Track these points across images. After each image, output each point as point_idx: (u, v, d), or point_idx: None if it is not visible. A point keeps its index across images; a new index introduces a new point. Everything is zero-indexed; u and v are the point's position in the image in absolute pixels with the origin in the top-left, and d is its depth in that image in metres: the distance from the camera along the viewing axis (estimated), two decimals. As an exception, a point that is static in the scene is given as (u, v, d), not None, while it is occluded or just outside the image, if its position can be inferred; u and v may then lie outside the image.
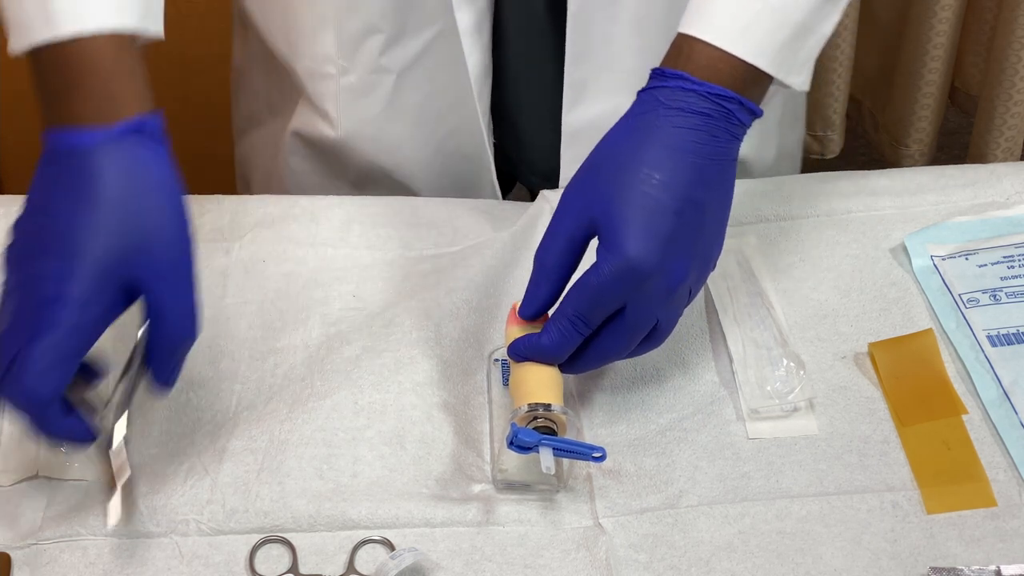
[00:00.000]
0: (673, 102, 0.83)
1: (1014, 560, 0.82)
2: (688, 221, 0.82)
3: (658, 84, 0.84)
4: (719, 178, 0.84)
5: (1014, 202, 1.05)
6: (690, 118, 0.83)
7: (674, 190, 0.81)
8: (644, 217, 0.81)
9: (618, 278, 0.81)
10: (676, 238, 0.81)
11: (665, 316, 0.84)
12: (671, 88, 0.84)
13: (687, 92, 0.83)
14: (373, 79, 1.09)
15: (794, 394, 0.90)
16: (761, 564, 0.82)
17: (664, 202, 0.81)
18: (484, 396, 0.92)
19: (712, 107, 0.83)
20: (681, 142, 0.82)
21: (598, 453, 0.83)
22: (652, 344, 0.86)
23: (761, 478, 0.87)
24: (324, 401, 0.90)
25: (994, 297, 0.97)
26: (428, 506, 0.84)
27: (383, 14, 1.05)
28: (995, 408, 0.90)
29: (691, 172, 0.82)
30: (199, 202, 1.05)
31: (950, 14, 1.92)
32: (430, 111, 1.11)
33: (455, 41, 1.04)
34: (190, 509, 0.84)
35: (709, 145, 0.83)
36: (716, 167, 0.83)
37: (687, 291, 0.84)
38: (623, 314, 0.83)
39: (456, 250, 1.02)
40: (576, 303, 0.83)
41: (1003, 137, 2.00)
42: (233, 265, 1.00)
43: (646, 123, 0.84)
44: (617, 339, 0.84)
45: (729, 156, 0.84)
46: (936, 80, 1.99)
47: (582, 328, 0.83)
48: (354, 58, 1.08)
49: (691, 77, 0.83)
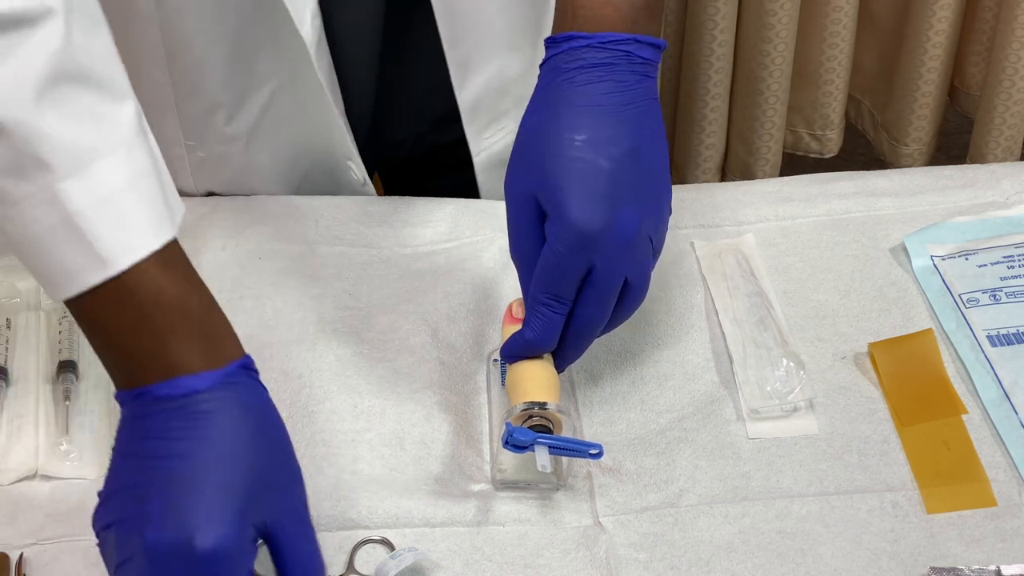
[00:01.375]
0: (570, 63, 0.84)
1: (1014, 560, 0.82)
2: (622, 171, 0.82)
3: (553, 52, 0.85)
4: (641, 120, 0.84)
5: (1014, 202, 1.05)
6: (591, 72, 0.83)
7: (598, 145, 0.82)
8: (577, 181, 0.81)
9: (571, 246, 0.81)
10: (614, 190, 0.81)
11: (632, 271, 0.83)
12: (564, 51, 0.84)
13: (580, 48, 0.84)
14: (222, 149, 1.07)
15: (794, 394, 0.90)
16: (761, 564, 0.82)
17: (592, 160, 0.81)
18: (483, 396, 0.92)
19: (609, 55, 0.83)
20: (590, 97, 0.83)
21: (595, 450, 0.82)
22: (631, 304, 0.85)
23: (761, 478, 0.87)
24: (323, 404, 0.89)
25: (994, 297, 0.97)
26: (428, 506, 0.84)
27: (223, 88, 1.03)
28: (995, 408, 0.90)
29: (610, 123, 0.82)
30: (197, 201, 1.06)
31: (949, 13, 1.92)
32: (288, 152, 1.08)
33: (299, 80, 1.01)
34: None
35: (619, 93, 0.83)
36: (633, 111, 0.83)
37: (647, 240, 0.83)
38: (589, 280, 0.82)
39: (452, 246, 1.02)
40: (542, 285, 0.83)
41: (1003, 137, 2.00)
42: (229, 261, 1.00)
43: (553, 92, 0.84)
44: (592, 307, 0.83)
45: (644, 96, 0.84)
46: (935, 79, 1.99)
47: (557, 308, 0.83)
48: (202, 135, 1.06)
49: (579, 34, 0.84)
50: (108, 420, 0.89)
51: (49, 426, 0.88)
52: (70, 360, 0.92)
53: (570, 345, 0.85)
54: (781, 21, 1.91)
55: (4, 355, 0.92)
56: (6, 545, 0.82)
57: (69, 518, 0.84)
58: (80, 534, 0.83)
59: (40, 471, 0.86)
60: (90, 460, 0.87)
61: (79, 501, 0.85)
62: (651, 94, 0.85)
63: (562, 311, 0.83)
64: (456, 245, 1.02)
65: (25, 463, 0.86)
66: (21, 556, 0.81)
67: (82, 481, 0.86)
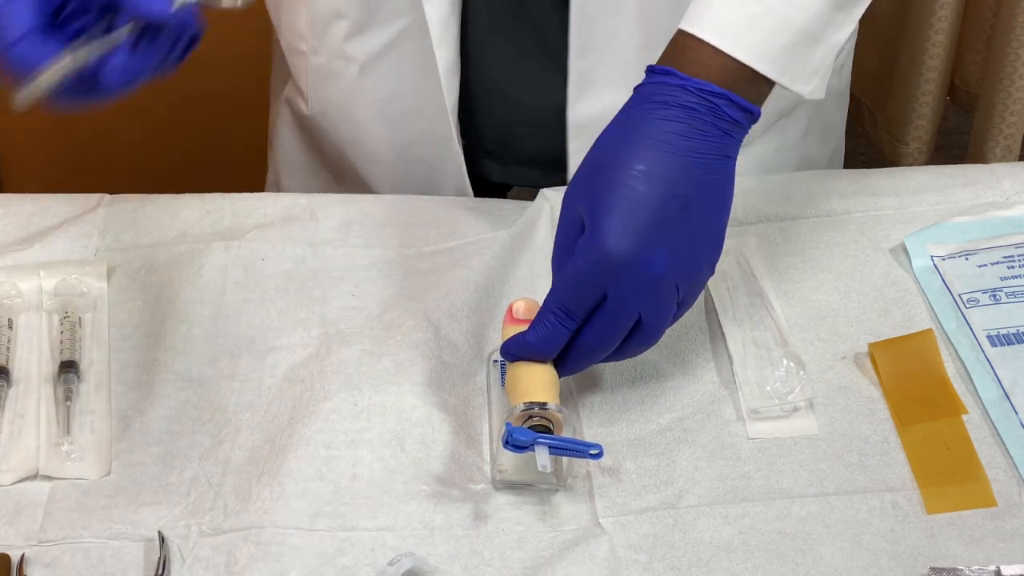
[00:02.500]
0: (657, 96, 0.84)
1: (1014, 560, 0.82)
2: (668, 213, 0.82)
3: (648, 80, 0.85)
4: (706, 173, 0.83)
5: (1014, 202, 1.05)
6: (673, 111, 0.83)
7: (653, 181, 0.82)
8: (620, 206, 0.81)
9: (593, 265, 0.81)
10: (654, 228, 0.81)
11: (648, 311, 0.83)
12: (658, 83, 0.84)
13: (672, 87, 0.83)
14: (338, 64, 1.09)
15: (794, 394, 0.90)
16: (761, 564, 0.82)
17: (641, 192, 0.81)
18: (483, 397, 0.92)
19: (697, 100, 0.83)
20: (663, 135, 0.82)
21: (595, 450, 0.83)
22: (639, 343, 0.85)
23: (761, 478, 0.87)
24: (324, 404, 0.90)
25: (994, 297, 0.97)
26: (428, 508, 0.84)
27: (349, 1, 1.05)
28: (995, 408, 0.90)
29: (672, 165, 0.82)
30: (200, 201, 1.06)
31: (949, 12, 1.92)
32: (395, 106, 1.10)
33: (423, 36, 1.03)
34: (191, 511, 0.84)
35: (694, 139, 0.83)
36: (702, 162, 0.83)
37: (673, 288, 0.83)
38: (603, 305, 0.83)
39: (455, 245, 1.02)
40: (557, 295, 0.83)
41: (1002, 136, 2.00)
42: (232, 263, 1.00)
43: (631, 118, 0.84)
44: (599, 332, 0.84)
45: (719, 152, 0.84)
46: (935, 78, 2.00)
47: (565, 321, 0.83)
48: (322, 39, 1.09)
49: (678, 72, 0.84)
50: (109, 420, 0.89)
51: (50, 426, 0.88)
52: (71, 360, 0.92)
53: (570, 361, 0.86)
54: (782, 20, 1.91)
55: (5, 355, 0.92)
56: (7, 546, 0.82)
57: (70, 518, 0.84)
58: (81, 534, 0.83)
59: (41, 471, 0.86)
60: (91, 460, 0.87)
61: (80, 501, 0.85)
62: (726, 152, 0.84)
63: (569, 325, 0.84)
64: (459, 244, 1.03)
65: (26, 463, 0.86)
66: (23, 557, 0.82)
67: (83, 481, 0.86)
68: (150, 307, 0.97)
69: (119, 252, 1.01)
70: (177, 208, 1.04)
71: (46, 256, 1.00)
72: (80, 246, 1.01)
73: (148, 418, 0.90)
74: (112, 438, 0.89)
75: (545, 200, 1.04)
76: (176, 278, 0.99)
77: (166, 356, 0.93)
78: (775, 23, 0.84)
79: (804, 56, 0.86)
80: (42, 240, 1.01)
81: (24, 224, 1.03)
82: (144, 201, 1.05)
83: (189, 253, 1.00)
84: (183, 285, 0.98)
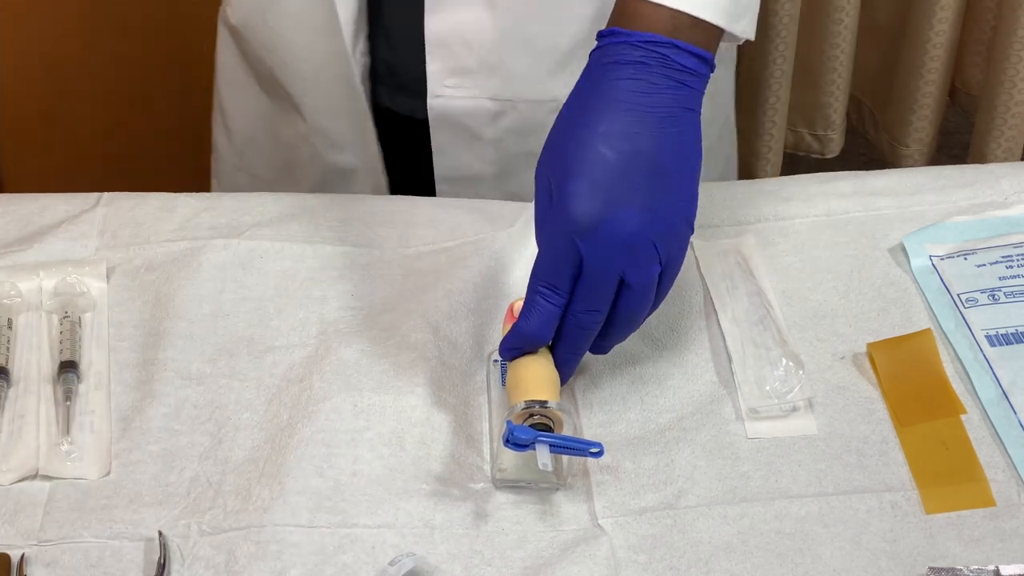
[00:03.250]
0: (607, 57, 0.84)
1: (1013, 560, 0.82)
2: (634, 171, 0.82)
3: (598, 45, 0.86)
4: (667, 126, 0.83)
5: (1012, 202, 1.05)
6: (623, 68, 0.83)
7: (612, 139, 0.82)
8: (582, 169, 0.81)
9: (562, 233, 0.81)
10: (620, 187, 0.81)
11: (630, 271, 0.83)
12: (606, 45, 0.85)
13: (619, 45, 0.84)
14: None
15: (793, 394, 0.91)
16: (760, 564, 0.82)
17: (602, 152, 0.81)
18: (483, 397, 0.92)
19: (644, 54, 0.83)
20: (618, 92, 0.83)
21: (595, 449, 0.83)
22: (629, 309, 0.84)
23: (760, 478, 0.87)
24: (323, 403, 0.90)
25: (993, 297, 0.97)
26: (428, 507, 0.84)
27: None
28: (994, 408, 0.91)
29: (631, 122, 0.82)
30: (198, 199, 1.06)
31: (950, 13, 1.92)
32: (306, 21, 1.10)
33: None
34: (191, 510, 0.84)
35: (650, 95, 0.83)
36: (659, 114, 0.83)
37: (650, 246, 0.82)
38: (582, 273, 0.82)
39: (454, 245, 1.02)
40: (538, 272, 0.83)
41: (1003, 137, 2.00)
42: (231, 261, 1.00)
43: (587, 83, 0.85)
44: (583, 303, 0.83)
45: (678, 104, 0.83)
46: (936, 80, 1.99)
47: (552, 298, 0.83)
48: None
49: (622, 30, 0.84)
50: (109, 420, 0.90)
51: (50, 426, 0.89)
52: (71, 360, 0.92)
53: (567, 344, 0.85)
54: (782, 21, 1.91)
55: (5, 355, 0.92)
56: (7, 545, 0.82)
57: (70, 518, 0.84)
58: (81, 534, 0.83)
59: (41, 471, 0.86)
60: (91, 460, 0.87)
61: (80, 501, 0.85)
62: (685, 103, 0.84)
63: (557, 302, 0.83)
64: (458, 244, 1.03)
65: (26, 463, 0.87)
66: (23, 556, 0.82)
67: (83, 481, 0.86)
68: (149, 306, 0.97)
69: (118, 251, 1.01)
70: (176, 206, 1.05)
71: (45, 256, 1.00)
72: (79, 245, 1.01)
73: (147, 417, 0.90)
74: (112, 438, 0.89)
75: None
76: (175, 277, 0.99)
77: (165, 355, 0.93)
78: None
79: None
80: (41, 240, 1.01)
81: (23, 224, 1.03)
82: (143, 200, 1.05)
83: (188, 251, 1.00)
84: (182, 284, 0.98)
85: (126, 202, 1.05)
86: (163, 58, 1.98)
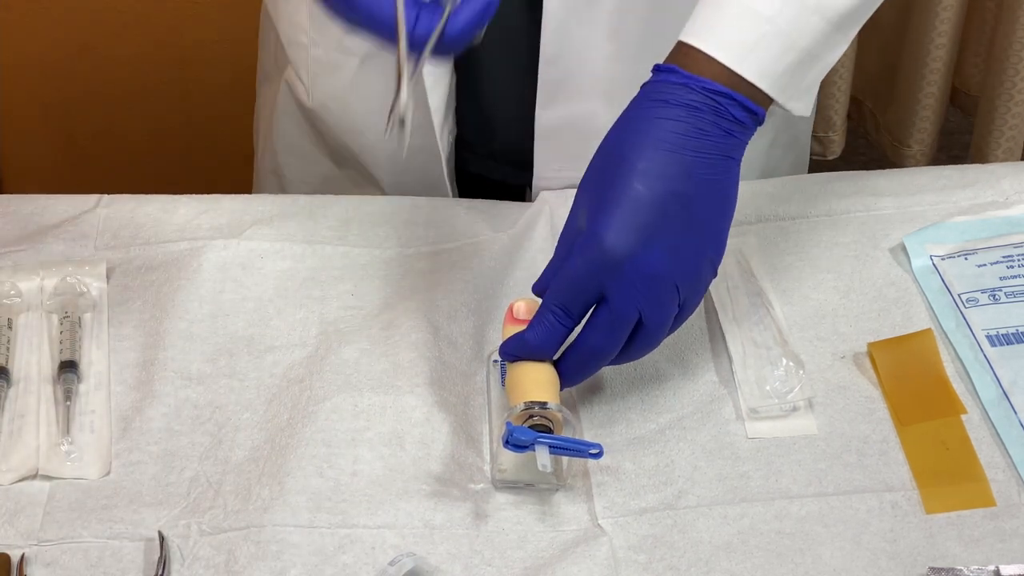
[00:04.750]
0: (658, 94, 0.83)
1: (1013, 560, 0.82)
2: (667, 212, 0.81)
3: (651, 79, 0.85)
4: (707, 173, 0.83)
5: (1013, 202, 1.05)
6: (674, 109, 0.82)
7: (652, 180, 0.81)
8: (618, 204, 0.81)
9: (589, 262, 0.81)
10: (652, 226, 0.81)
11: (649, 311, 0.83)
12: (660, 82, 0.84)
13: (674, 85, 0.83)
14: (337, 58, 1.10)
15: (793, 394, 0.90)
16: (760, 564, 0.82)
17: (640, 191, 0.81)
18: (483, 397, 0.92)
19: (699, 99, 0.83)
20: (664, 133, 0.82)
21: (595, 450, 0.83)
22: (640, 345, 0.85)
23: (760, 478, 0.87)
24: (323, 404, 0.90)
25: (993, 297, 0.97)
26: (428, 507, 0.84)
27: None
28: (994, 408, 0.91)
29: (671, 163, 0.82)
30: (198, 200, 1.06)
31: (951, 15, 1.92)
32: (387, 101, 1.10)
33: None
34: (191, 510, 0.84)
35: (696, 138, 0.82)
36: (703, 161, 0.83)
37: (672, 288, 0.83)
38: (604, 305, 0.82)
39: (454, 246, 1.02)
40: (555, 293, 0.83)
41: (1004, 137, 2.00)
42: (231, 262, 1.00)
43: (634, 117, 0.84)
44: (599, 332, 0.83)
45: (721, 152, 0.83)
46: (937, 81, 2.00)
47: (564, 320, 0.83)
48: (322, 32, 1.09)
49: (680, 70, 0.83)
50: (109, 420, 0.90)
51: (50, 426, 0.89)
52: (71, 360, 0.92)
53: (572, 368, 0.86)
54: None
55: (5, 355, 0.92)
56: (7, 545, 0.82)
57: (70, 518, 0.84)
58: (81, 534, 0.83)
59: (41, 471, 0.86)
60: (91, 460, 0.87)
61: (80, 501, 0.85)
62: (728, 152, 0.84)
63: (567, 324, 0.83)
64: (458, 245, 1.03)
65: (26, 463, 0.87)
66: (23, 556, 0.82)
67: (83, 481, 0.86)
68: (149, 306, 0.97)
69: (118, 251, 1.01)
70: (175, 207, 1.05)
71: (46, 256, 1.00)
72: (79, 246, 1.01)
73: (147, 417, 0.90)
74: (112, 438, 0.89)
75: (544, 201, 1.04)
76: (175, 277, 0.99)
77: (165, 355, 0.93)
78: (782, 44, 0.84)
79: (802, 75, 0.86)
80: (41, 240, 1.02)
81: (23, 224, 1.03)
82: (143, 201, 1.05)
83: (188, 252, 1.00)
84: (182, 284, 0.98)
85: (126, 203, 1.05)
86: (163, 58, 1.98)
